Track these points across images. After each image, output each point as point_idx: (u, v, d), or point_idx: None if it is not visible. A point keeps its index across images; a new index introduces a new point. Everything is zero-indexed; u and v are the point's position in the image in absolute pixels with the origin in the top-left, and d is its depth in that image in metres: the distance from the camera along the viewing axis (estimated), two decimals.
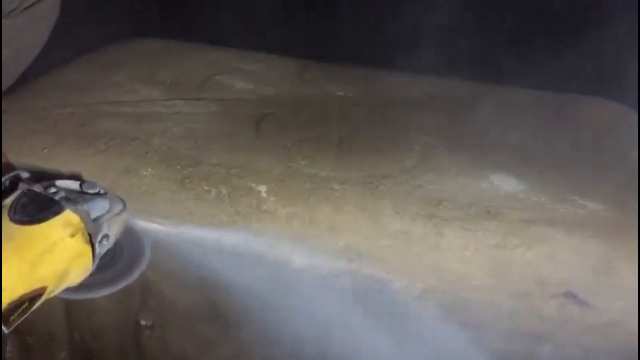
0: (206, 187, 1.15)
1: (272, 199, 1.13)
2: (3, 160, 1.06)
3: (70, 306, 1.27)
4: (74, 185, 0.94)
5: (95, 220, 0.90)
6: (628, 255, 1.08)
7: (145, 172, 1.16)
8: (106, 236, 0.92)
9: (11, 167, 0.97)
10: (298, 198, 1.14)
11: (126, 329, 1.27)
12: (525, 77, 1.64)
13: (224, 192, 1.14)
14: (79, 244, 0.86)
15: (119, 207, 0.96)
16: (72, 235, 0.86)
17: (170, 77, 1.51)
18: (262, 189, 1.14)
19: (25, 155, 1.18)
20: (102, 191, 0.95)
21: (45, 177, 0.93)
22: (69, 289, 0.90)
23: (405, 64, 1.65)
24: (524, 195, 1.16)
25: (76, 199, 0.90)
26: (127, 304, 1.24)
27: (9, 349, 1.33)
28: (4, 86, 1.32)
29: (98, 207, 0.92)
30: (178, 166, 1.17)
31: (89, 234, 0.88)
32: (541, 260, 1.08)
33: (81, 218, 0.87)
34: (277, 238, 1.14)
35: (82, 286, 0.92)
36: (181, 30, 1.85)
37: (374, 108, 1.47)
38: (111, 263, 0.99)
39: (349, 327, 1.18)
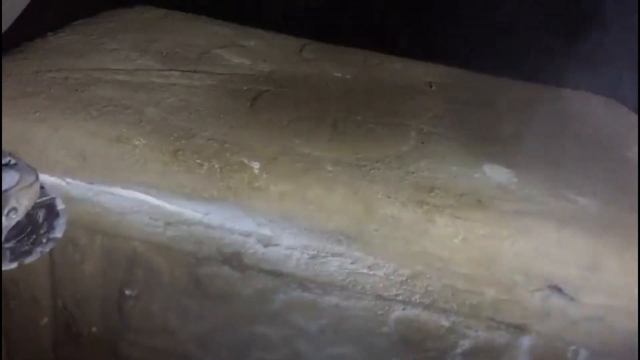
0: (198, 161, 1.14)
1: (265, 176, 1.13)
2: None
3: (55, 273, 1.27)
4: None
5: (2, 192, 0.87)
6: (615, 253, 1.08)
7: (137, 142, 1.15)
8: (14, 209, 0.89)
9: None
10: (290, 177, 1.13)
11: (110, 297, 1.26)
12: (523, 70, 1.64)
13: (216, 166, 1.13)
14: None
15: (31, 178, 0.92)
16: None
17: (167, 48, 1.49)
18: (255, 165, 1.13)
19: (16, 118, 1.16)
20: (12, 162, 0.92)
21: None
22: None
23: (405, 49, 1.64)
24: (516, 187, 1.17)
25: None
26: (113, 274, 1.24)
27: None
28: None
29: (6, 179, 0.89)
30: (171, 138, 1.16)
31: None
32: (529, 252, 1.09)
33: None
34: (268, 216, 1.13)
35: None
36: (181, 1, 1.82)
37: (371, 91, 1.46)
38: (24, 235, 0.95)
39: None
